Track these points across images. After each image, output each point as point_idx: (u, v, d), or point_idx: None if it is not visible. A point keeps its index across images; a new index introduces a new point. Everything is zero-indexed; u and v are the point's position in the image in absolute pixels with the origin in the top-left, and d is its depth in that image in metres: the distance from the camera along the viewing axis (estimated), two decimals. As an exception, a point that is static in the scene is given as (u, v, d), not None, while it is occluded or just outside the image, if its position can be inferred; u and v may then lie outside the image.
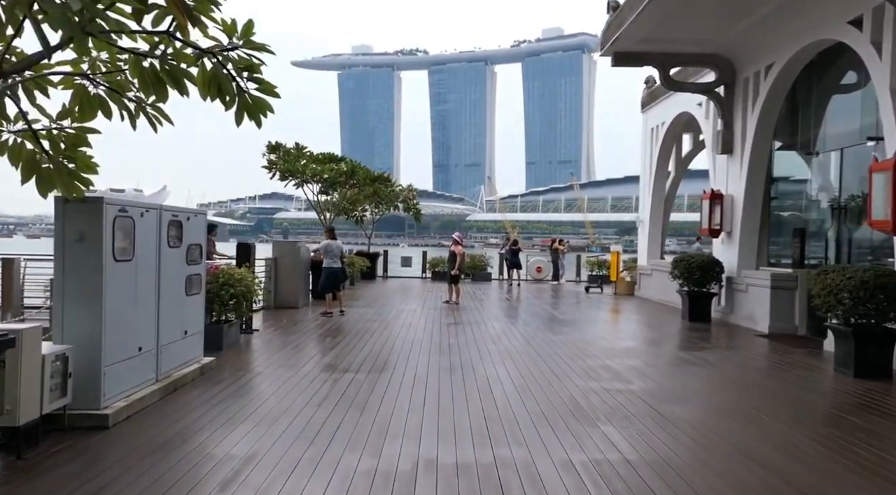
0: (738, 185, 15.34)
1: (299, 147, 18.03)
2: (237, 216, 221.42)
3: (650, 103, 22.15)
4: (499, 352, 10.61)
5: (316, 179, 17.35)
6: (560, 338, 12.40)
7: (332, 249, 15.23)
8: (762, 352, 11.45)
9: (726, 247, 15.84)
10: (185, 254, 7.86)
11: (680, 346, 12.04)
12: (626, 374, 9.05)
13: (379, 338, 11.94)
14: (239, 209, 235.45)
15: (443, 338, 11.93)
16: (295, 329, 12.89)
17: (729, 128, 15.65)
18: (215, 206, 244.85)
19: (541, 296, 21.47)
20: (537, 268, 29.36)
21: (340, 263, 15.27)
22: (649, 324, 15.49)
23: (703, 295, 15.44)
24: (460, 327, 13.51)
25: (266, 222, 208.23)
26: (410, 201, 27.33)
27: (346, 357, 9.95)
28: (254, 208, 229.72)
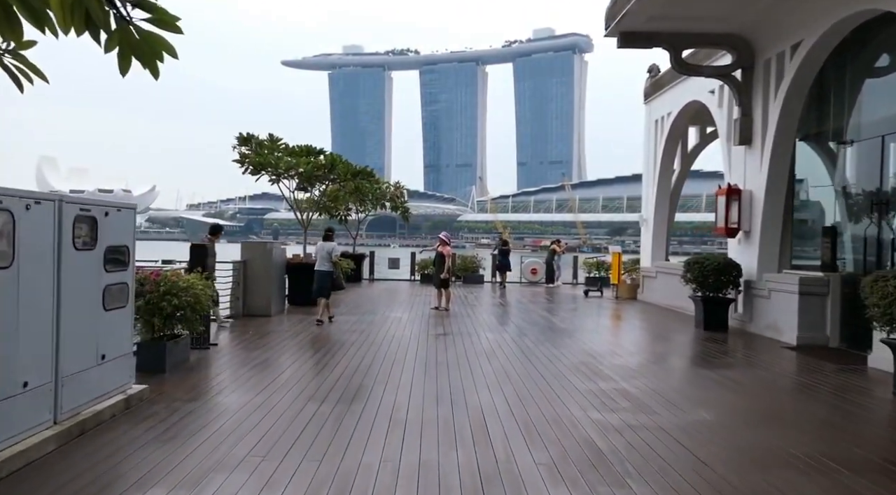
0: (758, 179, 13.83)
1: (273, 139, 16.39)
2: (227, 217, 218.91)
3: (654, 93, 20.64)
4: (494, 372, 9.02)
5: (291, 174, 15.72)
6: (563, 351, 10.83)
7: (319, 251, 13.97)
8: (797, 370, 9.91)
9: (744, 248, 14.33)
10: (103, 259, 6.24)
11: (702, 362, 10.50)
12: (648, 402, 7.49)
13: (356, 353, 10.33)
14: (229, 210, 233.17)
15: (429, 353, 10.34)
16: (261, 342, 11.27)
17: (747, 116, 14.13)
18: (205, 207, 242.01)
19: (536, 301, 19.91)
20: (532, 270, 27.82)
21: (332, 266, 13.84)
22: (661, 334, 13.95)
23: (719, 301, 13.92)
24: (450, 339, 11.92)
25: (256, 223, 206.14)
26: (398, 199, 25.75)
27: (313, 380, 8.35)
28: (244, 209, 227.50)
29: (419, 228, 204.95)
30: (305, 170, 15.61)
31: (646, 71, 21.36)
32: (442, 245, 16.66)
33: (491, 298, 20.59)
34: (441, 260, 16.47)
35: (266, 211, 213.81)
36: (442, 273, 16.34)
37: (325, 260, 13.82)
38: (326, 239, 14.23)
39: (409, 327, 13.42)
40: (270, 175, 15.87)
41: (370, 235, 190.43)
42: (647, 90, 21.20)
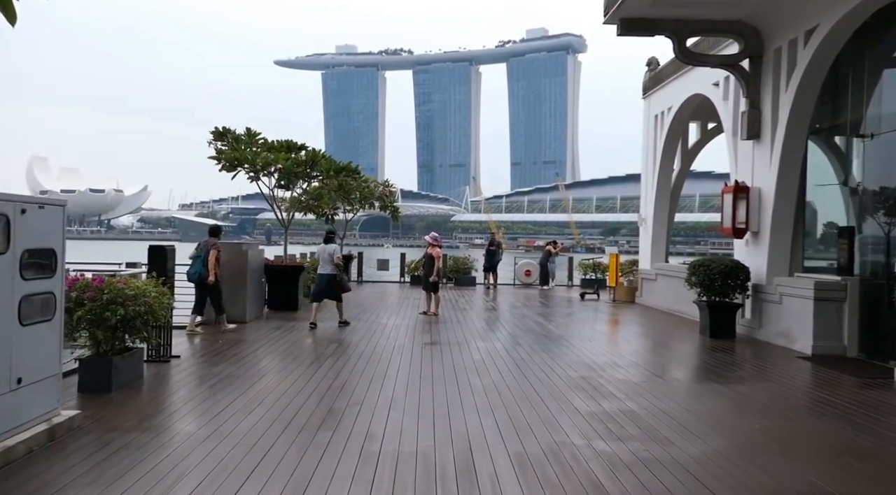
0: (768, 176, 12.93)
1: (251, 133, 15.37)
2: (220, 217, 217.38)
3: (653, 88, 19.74)
4: (484, 390, 8.06)
5: (269, 170, 14.72)
6: (560, 363, 9.89)
7: (321, 254, 13.71)
8: (816, 384, 9.00)
9: (752, 250, 13.43)
10: (18, 265, 5.27)
11: (711, 375, 9.56)
12: (659, 427, 6.55)
13: (332, 367, 9.37)
14: (222, 209, 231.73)
15: (413, 367, 9.38)
16: (230, 353, 10.28)
17: (756, 108, 13.23)
18: (198, 207, 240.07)
19: (530, 305, 18.98)
20: (526, 271, 26.89)
21: (335, 269, 13.53)
22: (663, 342, 13.03)
23: (726, 306, 13.01)
24: (437, 350, 10.96)
25: (249, 223, 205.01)
26: (387, 199, 24.78)
27: (279, 399, 7.37)
28: (237, 209, 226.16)
29: (412, 228, 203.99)
30: (285, 166, 14.60)
31: (644, 64, 20.47)
32: (431, 247, 15.68)
33: (483, 301, 19.65)
34: (431, 262, 15.51)
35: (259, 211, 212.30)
36: (431, 276, 15.37)
37: (327, 262, 13.46)
38: (328, 241, 13.84)
39: (393, 335, 12.46)
40: (247, 171, 14.86)
41: (364, 235, 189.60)
42: (646, 84, 20.30)
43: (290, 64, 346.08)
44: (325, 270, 13.49)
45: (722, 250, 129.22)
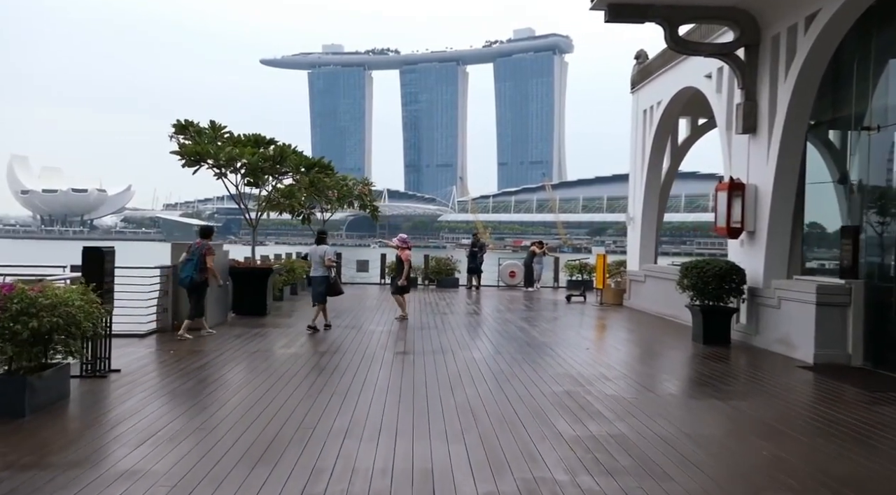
0: (765, 173, 12.12)
1: (216, 126, 14.38)
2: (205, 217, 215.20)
3: (642, 82, 18.93)
4: (457, 409, 7.16)
5: (234, 166, 13.73)
6: (543, 376, 9.01)
7: (312, 255, 13.46)
8: (824, 399, 8.17)
9: (748, 251, 12.62)
10: None
11: (709, 389, 8.69)
12: (655, 457, 5.67)
13: (289, 382, 8.43)
14: (207, 209, 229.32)
15: (380, 382, 8.44)
16: (178, 366, 9.31)
17: (752, 100, 12.42)
18: (182, 207, 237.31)
19: (514, 308, 18.11)
20: (510, 272, 26.05)
21: (326, 271, 13.19)
22: (654, 350, 12.20)
23: (720, 311, 12.20)
24: (409, 360, 10.04)
25: (234, 223, 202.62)
26: (366, 197, 23.81)
27: (217, 428, 6.43)
28: (222, 209, 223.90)
29: (399, 228, 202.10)
30: (251, 161, 13.62)
31: (633, 57, 19.67)
32: (401, 249, 14.73)
33: (465, 305, 18.75)
34: (402, 264, 14.56)
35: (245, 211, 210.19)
36: (400, 279, 14.40)
37: (318, 264, 13.21)
38: (319, 242, 13.49)
39: (365, 343, 11.53)
40: (211, 167, 13.87)
41: (350, 236, 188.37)
42: (634, 78, 19.49)
43: (275, 63, 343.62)
44: (318, 272, 13.20)
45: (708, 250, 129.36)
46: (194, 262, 11.57)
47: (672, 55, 16.61)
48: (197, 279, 11.52)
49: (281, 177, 15.58)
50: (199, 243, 11.89)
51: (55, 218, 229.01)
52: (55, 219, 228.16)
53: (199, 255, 11.61)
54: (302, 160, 14.87)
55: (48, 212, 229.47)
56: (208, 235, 12.23)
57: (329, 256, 13.23)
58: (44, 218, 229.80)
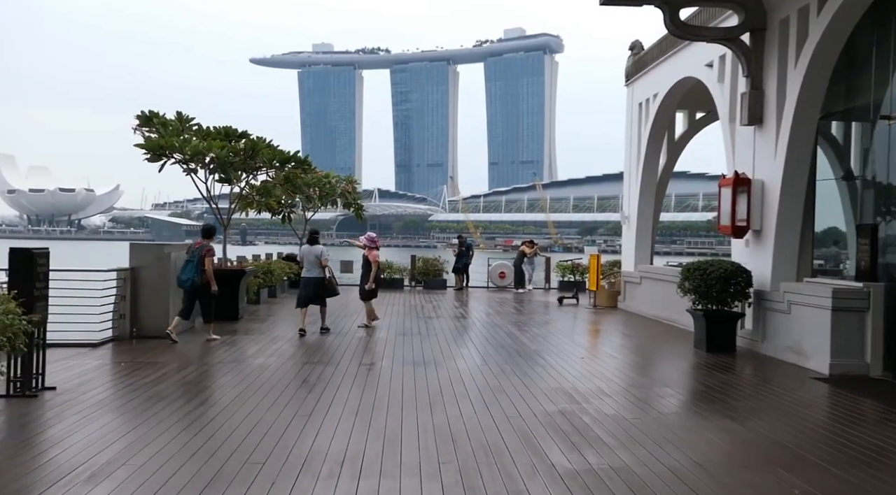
0: (772, 167, 11.25)
1: (183, 118, 13.37)
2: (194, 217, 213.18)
3: (637, 73, 18.05)
4: (435, 433, 6.20)
5: (200, 160, 12.72)
6: (534, 391, 8.09)
7: (307, 255, 12.79)
8: (853, 419, 7.27)
9: (754, 251, 11.75)
10: None
11: (720, 406, 7.78)
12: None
13: (247, 401, 7.47)
14: (196, 209, 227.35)
15: (350, 402, 7.49)
16: (125, 381, 8.33)
17: (758, 89, 11.54)
18: (171, 206, 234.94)
19: (504, 311, 17.19)
20: (500, 273, 25.11)
21: (322, 272, 12.70)
22: (655, 360, 11.31)
23: (725, 316, 11.32)
24: (385, 372, 9.09)
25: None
26: (350, 195, 22.84)
27: (146, 463, 5.47)
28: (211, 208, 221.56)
29: (390, 228, 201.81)
30: (219, 155, 12.62)
31: (628, 48, 18.79)
32: (368, 249, 13.70)
33: (451, 308, 17.80)
34: (368, 267, 13.55)
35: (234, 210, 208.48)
36: (368, 282, 13.36)
37: (313, 265, 12.62)
38: (312, 241, 12.97)
39: (339, 352, 10.57)
40: (177, 162, 12.87)
41: (340, 235, 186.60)
42: (629, 70, 18.61)
43: (265, 62, 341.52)
44: (312, 273, 12.61)
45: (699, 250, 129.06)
46: (195, 264, 11.06)
47: (669, 44, 15.77)
48: (198, 281, 11.01)
49: (255, 173, 14.56)
50: (199, 243, 11.34)
51: (42, 218, 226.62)
52: (42, 219, 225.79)
53: (199, 256, 11.08)
54: (276, 154, 13.85)
55: (35, 212, 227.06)
56: (210, 235, 11.64)
57: (326, 256, 12.73)
58: (31, 217, 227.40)
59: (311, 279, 12.62)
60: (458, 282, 24.07)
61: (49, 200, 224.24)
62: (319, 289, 12.58)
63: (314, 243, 12.91)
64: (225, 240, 14.48)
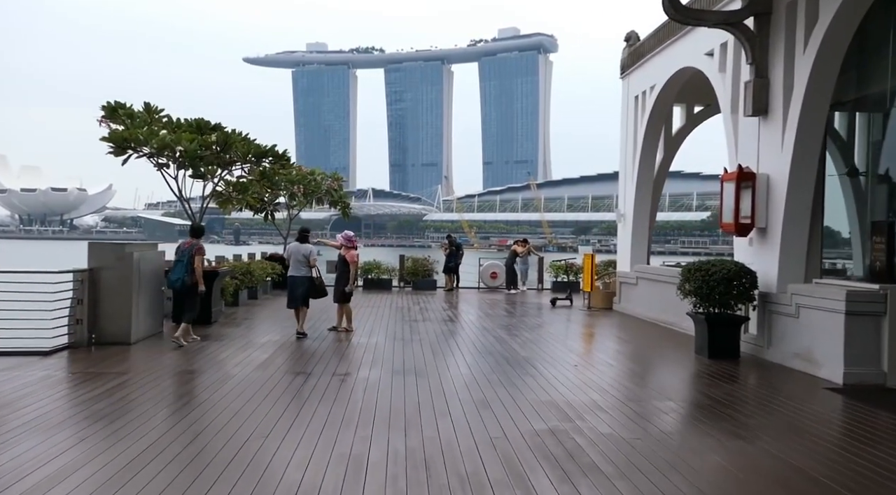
0: (779, 161, 10.50)
1: (151, 109, 12.57)
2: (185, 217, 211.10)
3: (633, 65, 17.30)
4: (408, 462, 5.41)
5: (167, 153, 11.89)
6: (523, 405, 7.31)
7: (294, 254, 12.28)
8: (881, 439, 6.51)
9: (758, 250, 11.00)
10: None
11: (731, 424, 7.00)
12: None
13: (197, 421, 6.67)
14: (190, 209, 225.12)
15: (315, 421, 6.69)
16: (71, 395, 7.53)
17: (763, 77, 10.79)
18: (164, 206, 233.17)
19: (494, 313, 16.41)
20: (492, 274, 24.34)
21: (310, 271, 12.21)
22: (655, 368, 10.53)
23: (730, 320, 10.57)
24: (359, 384, 8.31)
25: (217, 222, 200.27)
26: (337, 193, 22.04)
27: (61, 482, 4.67)
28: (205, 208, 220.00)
29: (384, 228, 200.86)
30: (188, 148, 11.79)
31: (623, 39, 18.04)
32: (345, 248, 12.90)
33: (440, 310, 17.01)
34: (345, 267, 12.77)
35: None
36: (344, 284, 12.53)
37: (301, 264, 12.14)
38: (302, 240, 12.48)
39: (302, 362, 9.78)
40: (143, 155, 12.04)
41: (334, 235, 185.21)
42: (625, 62, 17.86)
43: (259, 61, 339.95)
44: (300, 273, 12.13)
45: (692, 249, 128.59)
46: (185, 263, 10.80)
47: (666, 34, 15.04)
48: (189, 282, 10.77)
49: (230, 168, 13.73)
50: (188, 243, 11.01)
51: (34, 217, 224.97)
52: (34, 219, 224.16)
53: (189, 256, 10.81)
54: (251, 148, 13.01)
55: (27, 212, 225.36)
56: (199, 234, 11.30)
57: (315, 256, 12.35)
58: (22, 217, 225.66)
59: (299, 278, 12.14)
60: (448, 283, 23.31)
61: (41, 200, 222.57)
62: (307, 290, 12.12)
63: (304, 241, 12.43)
64: (197, 239, 13.61)
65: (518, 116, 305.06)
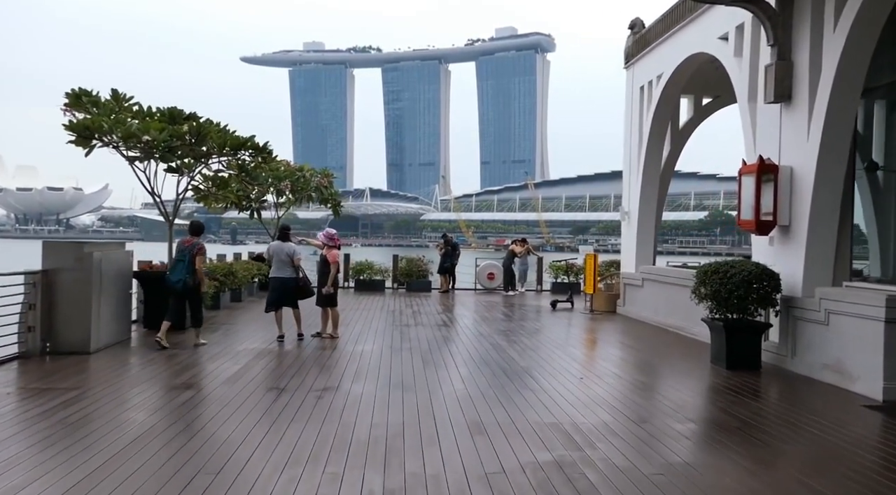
0: (804, 152, 9.54)
1: (120, 96, 11.57)
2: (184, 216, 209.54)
3: (638, 53, 16.33)
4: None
5: (134, 144, 10.89)
6: (522, 428, 6.34)
7: (277, 254, 11.42)
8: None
9: (781, 250, 10.04)
10: None
11: (765, 452, 6.01)
12: None
13: (139, 451, 5.69)
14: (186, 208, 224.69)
15: (280, 451, 5.72)
16: (12, 414, 6.54)
17: (786, 59, 9.83)
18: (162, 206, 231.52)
19: (492, 317, 15.43)
20: (489, 274, 23.38)
21: (295, 272, 11.46)
22: (670, 380, 9.54)
23: (748, 326, 9.61)
24: (338, 402, 7.32)
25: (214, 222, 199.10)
26: (327, 190, 21.01)
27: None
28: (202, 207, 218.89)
29: (381, 227, 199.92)
30: (157, 138, 10.78)
31: (627, 27, 17.08)
32: (327, 248, 11.89)
33: (434, 313, 16.02)
34: (325, 268, 11.69)
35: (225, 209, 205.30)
36: (326, 285, 11.52)
37: (284, 264, 11.36)
38: (283, 238, 11.65)
39: (277, 375, 8.79)
40: (106, 144, 11.03)
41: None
42: (629, 50, 16.89)
43: (256, 61, 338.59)
44: (284, 273, 11.35)
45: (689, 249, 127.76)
46: (186, 263, 10.25)
47: (675, 19, 14.09)
48: (191, 282, 10.23)
49: (206, 161, 12.73)
50: (188, 241, 10.41)
51: (30, 217, 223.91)
52: (30, 218, 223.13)
53: (190, 255, 10.25)
54: (228, 139, 12.00)
55: (23, 211, 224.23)
56: (199, 232, 10.74)
57: (299, 255, 11.55)
58: (18, 217, 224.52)
59: (282, 280, 11.37)
60: (443, 284, 22.36)
61: (37, 199, 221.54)
62: (292, 291, 11.38)
63: (286, 240, 11.62)
64: (170, 237, 12.64)
65: (515, 116, 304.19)
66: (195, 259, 10.25)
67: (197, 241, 10.47)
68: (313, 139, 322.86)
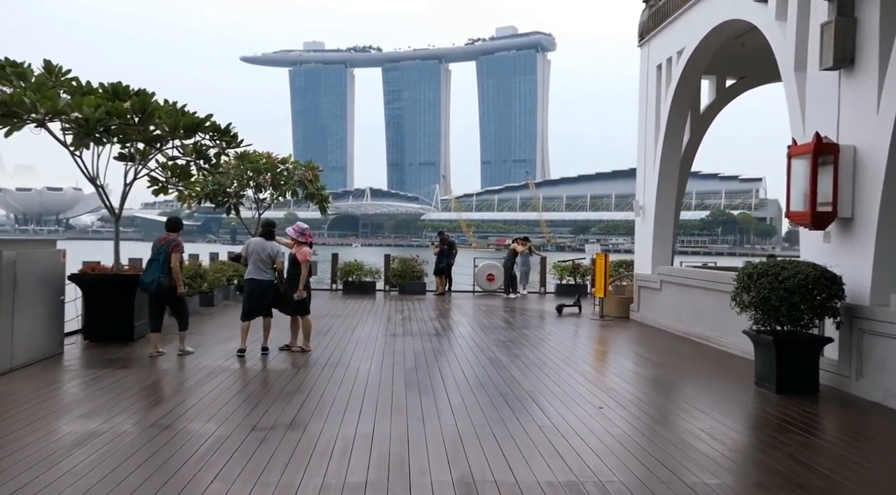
0: (874, 128, 7.79)
1: (53, 69, 9.85)
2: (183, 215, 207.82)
3: (655, 29, 14.57)
4: None
5: (64, 120, 9.13)
6: (530, 483, 4.61)
7: (256, 252, 9.72)
8: None
9: (840, 248, 8.29)
10: None
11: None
12: None
13: None
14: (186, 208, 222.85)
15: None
16: None
17: (847, 15, 8.08)
18: (161, 205, 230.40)
19: (490, 324, 13.68)
20: (488, 276, 21.63)
21: (273, 274, 9.82)
22: (712, 408, 7.72)
23: (807, 342, 7.87)
24: (302, 445, 5.59)
25: (214, 222, 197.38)
26: (313, 184, 19.24)
27: None
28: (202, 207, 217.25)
29: (382, 227, 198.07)
30: (90, 116, 9.03)
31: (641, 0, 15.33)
32: (297, 244, 10.16)
33: (428, 320, 14.26)
34: (296, 267, 10.00)
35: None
36: (294, 290, 9.86)
37: (265, 265, 9.70)
38: (266, 235, 9.95)
39: (226, 406, 7.05)
40: (29, 122, 9.27)
41: (332, 234, 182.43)
42: (644, 25, 15.14)
43: (256, 60, 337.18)
44: (263, 276, 9.72)
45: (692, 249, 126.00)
46: (160, 262, 9.24)
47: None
48: (166, 283, 9.22)
49: (161, 147, 10.97)
50: (164, 239, 9.41)
51: (30, 217, 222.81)
52: (30, 219, 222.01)
53: (166, 253, 9.27)
54: (182, 118, 10.21)
55: (23, 211, 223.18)
56: (177, 228, 9.68)
57: (282, 257, 9.98)
58: (18, 217, 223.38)
59: (258, 282, 9.72)
60: (439, 286, 20.60)
61: (37, 199, 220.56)
62: (268, 297, 9.79)
63: (270, 238, 9.96)
64: (117, 235, 10.88)
65: (516, 115, 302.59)
66: (170, 257, 9.17)
67: (173, 238, 9.39)
68: (313, 139, 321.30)
